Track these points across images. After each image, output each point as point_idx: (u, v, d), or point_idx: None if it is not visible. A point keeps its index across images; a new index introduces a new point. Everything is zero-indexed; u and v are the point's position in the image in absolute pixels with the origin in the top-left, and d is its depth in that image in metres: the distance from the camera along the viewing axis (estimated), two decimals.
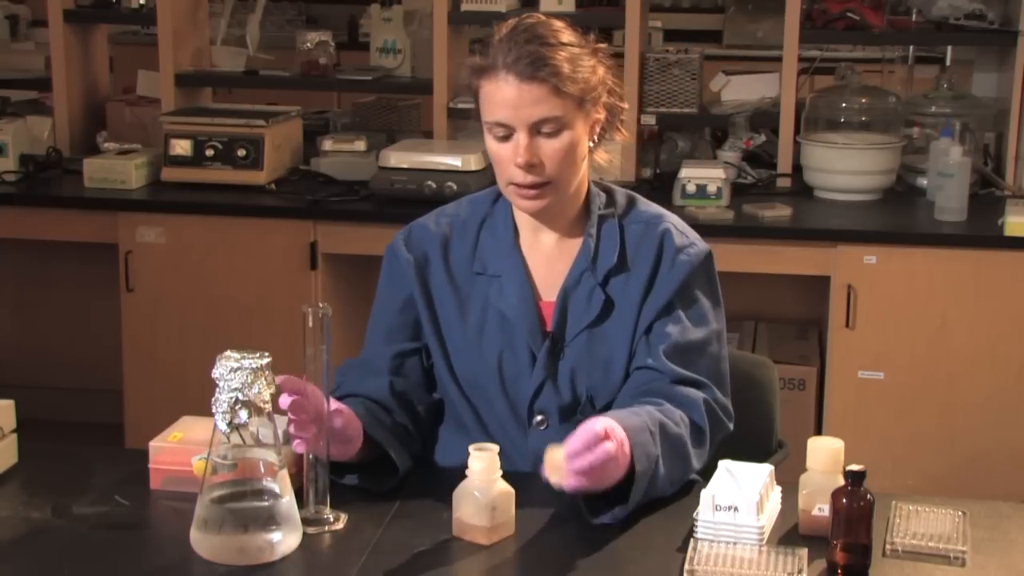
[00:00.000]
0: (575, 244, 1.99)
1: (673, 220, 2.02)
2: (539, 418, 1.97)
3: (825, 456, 1.73)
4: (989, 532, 1.74)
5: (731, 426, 1.96)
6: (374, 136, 3.96)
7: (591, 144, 1.96)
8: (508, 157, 1.89)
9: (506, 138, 1.89)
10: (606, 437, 1.67)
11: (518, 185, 1.90)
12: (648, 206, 2.03)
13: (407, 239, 2.05)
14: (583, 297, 1.97)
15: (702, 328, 1.96)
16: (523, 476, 1.90)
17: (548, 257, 2.00)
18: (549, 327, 1.97)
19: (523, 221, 2.00)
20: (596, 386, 1.95)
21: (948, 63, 4.96)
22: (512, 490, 1.72)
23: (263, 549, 1.63)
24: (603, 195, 2.02)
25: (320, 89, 4.63)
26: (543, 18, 1.92)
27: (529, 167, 1.87)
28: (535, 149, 1.87)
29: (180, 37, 4.07)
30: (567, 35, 1.90)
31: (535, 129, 1.87)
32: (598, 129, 1.96)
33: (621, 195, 2.04)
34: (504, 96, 1.86)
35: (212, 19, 4.30)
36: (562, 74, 1.85)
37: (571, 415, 1.94)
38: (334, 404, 1.77)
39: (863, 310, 3.40)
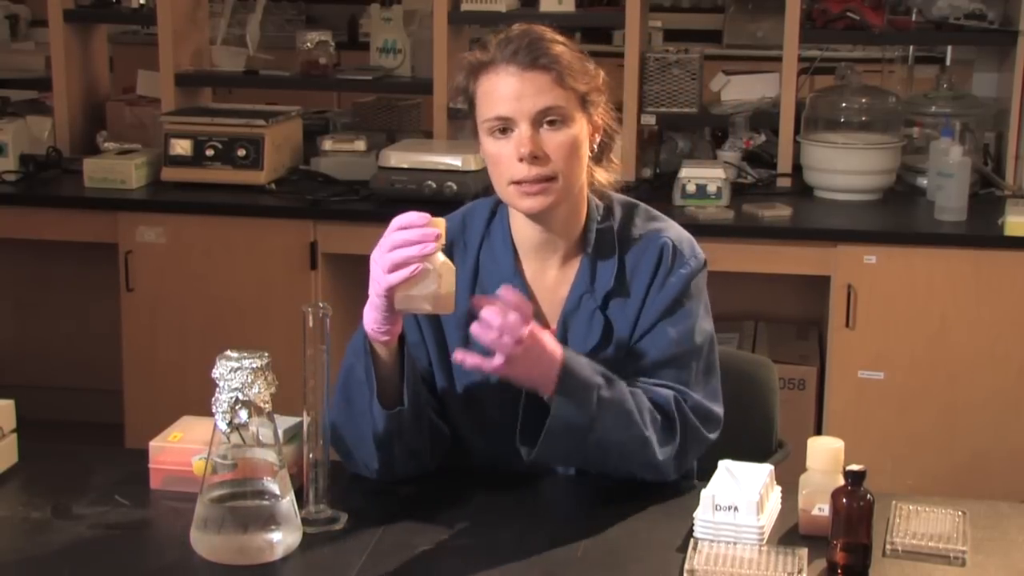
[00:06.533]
0: (576, 264, 1.93)
1: (672, 233, 1.95)
2: (524, 450, 1.86)
3: (825, 456, 1.73)
4: (989, 532, 1.74)
5: (711, 436, 1.90)
6: (374, 136, 3.96)
7: (590, 155, 1.91)
8: (509, 154, 1.83)
9: (505, 133, 1.83)
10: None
11: (520, 182, 1.83)
12: (648, 217, 1.97)
13: None
14: (583, 322, 1.91)
15: (687, 342, 1.90)
16: (524, 476, 1.91)
17: (550, 280, 1.94)
18: None
19: (524, 243, 1.93)
20: None
21: (948, 63, 4.97)
22: (453, 266, 1.74)
23: (263, 549, 1.64)
24: (600, 205, 1.96)
25: (320, 89, 4.63)
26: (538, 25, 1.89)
27: (533, 159, 1.81)
28: (538, 142, 1.82)
29: (180, 37, 4.07)
30: (565, 39, 1.88)
31: (538, 121, 1.82)
32: (598, 139, 1.92)
33: (619, 204, 1.97)
34: (505, 89, 1.82)
35: (212, 19, 4.31)
36: (563, 63, 1.83)
37: None
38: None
39: (863, 310, 3.40)
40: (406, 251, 1.70)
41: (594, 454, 1.83)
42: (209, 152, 3.71)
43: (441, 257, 1.72)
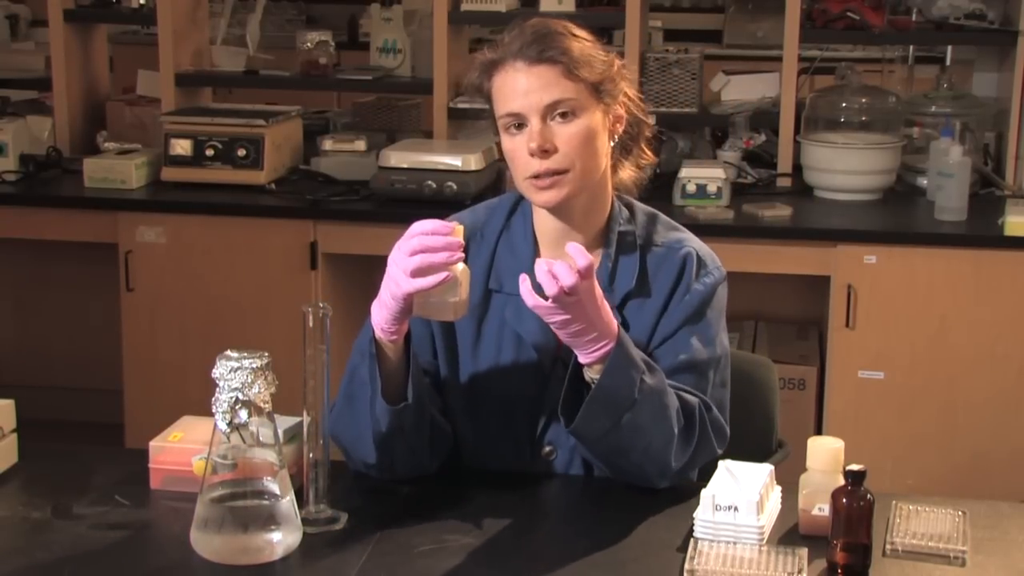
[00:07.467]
0: (596, 260, 1.90)
1: (694, 244, 1.95)
2: (547, 448, 1.93)
3: (825, 456, 1.73)
4: (989, 532, 1.74)
5: (719, 450, 1.89)
6: (374, 136, 3.96)
7: (612, 144, 1.90)
8: (521, 148, 1.82)
9: (520, 128, 1.83)
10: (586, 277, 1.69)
11: (534, 176, 1.83)
12: (669, 226, 1.97)
13: None
14: None
15: (706, 351, 1.90)
16: (524, 476, 1.91)
17: None
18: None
19: (545, 235, 1.93)
20: None
21: (948, 63, 4.97)
22: (469, 271, 1.75)
23: (263, 549, 1.63)
24: (625, 210, 1.96)
25: (320, 89, 4.63)
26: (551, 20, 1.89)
27: (543, 152, 1.81)
28: (548, 135, 1.81)
29: (180, 37, 4.07)
30: (578, 30, 1.88)
31: (548, 114, 1.81)
32: (620, 129, 1.91)
33: (641, 211, 1.98)
34: (514, 85, 1.82)
35: (212, 19, 4.31)
36: (572, 54, 1.81)
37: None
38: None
39: (863, 310, 3.40)
40: (432, 257, 1.68)
41: (625, 438, 1.78)
42: (209, 152, 3.71)
43: (460, 265, 1.72)
